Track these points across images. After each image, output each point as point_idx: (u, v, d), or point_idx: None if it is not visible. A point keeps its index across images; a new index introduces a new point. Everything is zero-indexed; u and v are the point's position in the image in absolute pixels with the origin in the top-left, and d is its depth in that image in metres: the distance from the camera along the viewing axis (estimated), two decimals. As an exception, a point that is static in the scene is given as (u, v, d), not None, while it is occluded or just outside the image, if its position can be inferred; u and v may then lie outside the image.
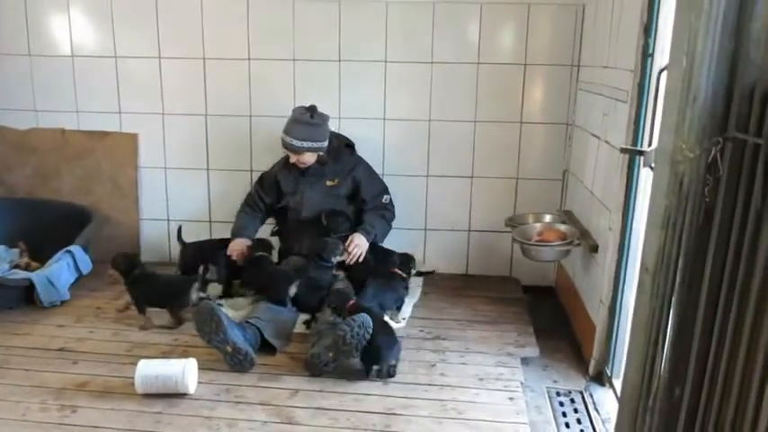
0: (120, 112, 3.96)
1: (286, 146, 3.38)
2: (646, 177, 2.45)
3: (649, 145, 2.17)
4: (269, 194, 3.61)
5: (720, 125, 1.39)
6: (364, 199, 3.56)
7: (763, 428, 1.21)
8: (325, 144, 3.43)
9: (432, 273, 3.87)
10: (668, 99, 1.50)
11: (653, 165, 1.99)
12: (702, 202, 1.43)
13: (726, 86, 1.38)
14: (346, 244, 3.34)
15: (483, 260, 3.94)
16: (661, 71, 2.12)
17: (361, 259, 3.38)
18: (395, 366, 2.73)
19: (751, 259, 1.30)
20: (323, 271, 3.25)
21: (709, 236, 1.43)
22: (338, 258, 3.30)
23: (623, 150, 2.48)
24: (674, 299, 1.53)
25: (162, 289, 3.17)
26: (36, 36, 3.92)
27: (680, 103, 1.41)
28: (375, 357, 2.68)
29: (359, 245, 3.37)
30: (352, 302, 2.87)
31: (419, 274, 3.74)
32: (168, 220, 4.05)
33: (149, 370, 2.53)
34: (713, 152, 1.38)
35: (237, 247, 3.44)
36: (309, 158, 3.43)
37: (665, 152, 1.49)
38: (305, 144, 3.34)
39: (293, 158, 3.43)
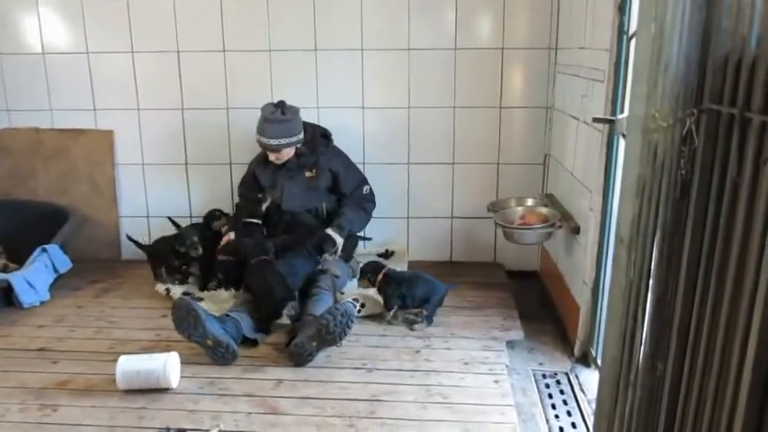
0: (94, 109, 3.90)
1: (263, 146, 3.38)
2: (625, 155, 2.44)
3: (625, 120, 2.17)
4: (252, 193, 3.58)
5: (695, 96, 1.37)
6: (344, 192, 3.54)
7: (743, 402, 1.21)
8: (302, 136, 3.41)
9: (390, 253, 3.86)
10: (638, 65, 1.49)
11: (625, 132, 1.98)
12: (678, 174, 1.42)
13: (699, 57, 1.36)
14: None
15: (467, 246, 3.93)
16: (630, 38, 2.10)
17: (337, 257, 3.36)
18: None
19: (729, 231, 1.29)
20: (310, 262, 3.23)
21: (687, 208, 1.42)
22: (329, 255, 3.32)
23: (595, 120, 2.48)
24: (652, 272, 1.53)
25: None
26: (5, 34, 3.84)
27: (650, 69, 1.39)
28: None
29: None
30: (383, 272, 3.11)
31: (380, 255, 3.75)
32: (148, 216, 4.01)
33: (130, 365, 2.50)
34: (688, 124, 1.37)
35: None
36: (288, 153, 3.42)
37: (636, 119, 1.47)
38: (282, 141, 3.32)
39: (272, 156, 3.42)
